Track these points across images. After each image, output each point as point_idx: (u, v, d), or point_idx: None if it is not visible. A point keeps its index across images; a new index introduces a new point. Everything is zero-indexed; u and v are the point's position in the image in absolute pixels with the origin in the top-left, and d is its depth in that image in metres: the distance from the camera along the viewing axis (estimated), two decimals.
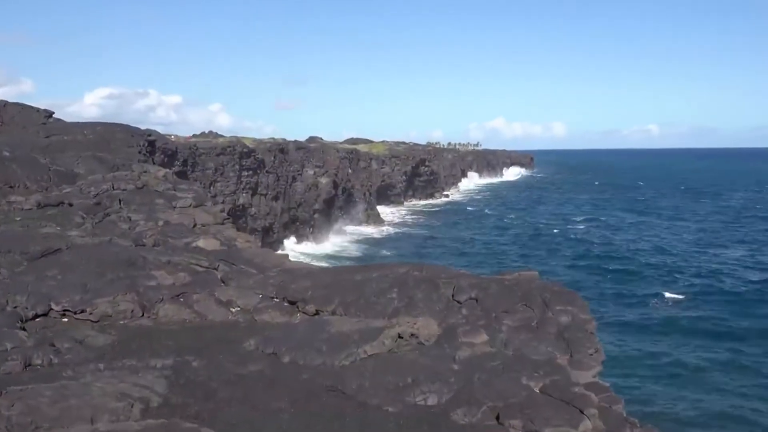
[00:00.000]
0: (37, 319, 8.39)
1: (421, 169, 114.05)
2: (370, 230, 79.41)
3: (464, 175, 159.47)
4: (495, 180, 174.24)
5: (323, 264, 47.30)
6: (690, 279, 47.86)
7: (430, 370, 6.64)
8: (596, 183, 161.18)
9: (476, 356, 7.03)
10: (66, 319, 8.52)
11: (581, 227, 78.30)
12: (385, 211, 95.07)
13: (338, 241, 70.73)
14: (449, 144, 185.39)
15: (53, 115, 29.12)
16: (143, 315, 8.82)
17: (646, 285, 46.46)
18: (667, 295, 43.25)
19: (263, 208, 62.33)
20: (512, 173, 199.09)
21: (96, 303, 8.75)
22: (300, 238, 67.64)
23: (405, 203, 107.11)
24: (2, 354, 6.97)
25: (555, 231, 75.70)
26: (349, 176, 79.94)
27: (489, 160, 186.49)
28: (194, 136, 72.66)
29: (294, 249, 64.27)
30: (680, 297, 42.80)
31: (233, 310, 9.12)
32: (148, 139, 36.18)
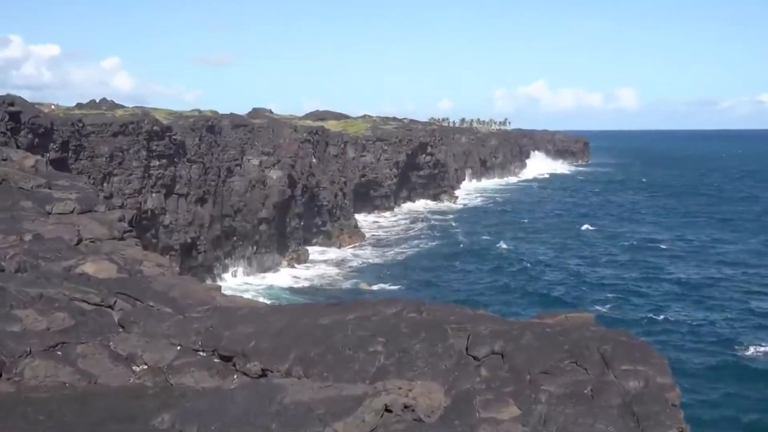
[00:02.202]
0: None
1: (420, 158, 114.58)
2: (343, 250, 79.39)
3: (485, 166, 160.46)
4: (530, 174, 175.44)
5: (273, 301, 47.10)
6: None
7: None
8: (679, 184, 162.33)
9: None
10: None
11: (654, 251, 78.95)
12: (367, 220, 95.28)
13: (296, 267, 70.61)
14: (463, 121, 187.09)
15: None
16: (1, 376, 8.76)
17: (743, 338, 47.62)
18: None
19: (183, 216, 62.11)
20: (555, 165, 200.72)
21: None
22: (238, 262, 67.45)
23: (396, 209, 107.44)
24: None
25: (615, 254, 76.09)
26: (312, 168, 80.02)
27: (522, 146, 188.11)
28: (79, 105, 72.36)
29: (230, 278, 64.02)
30: None
31: (137, 369, 9.09)
32: (10, 110, 36.13)
